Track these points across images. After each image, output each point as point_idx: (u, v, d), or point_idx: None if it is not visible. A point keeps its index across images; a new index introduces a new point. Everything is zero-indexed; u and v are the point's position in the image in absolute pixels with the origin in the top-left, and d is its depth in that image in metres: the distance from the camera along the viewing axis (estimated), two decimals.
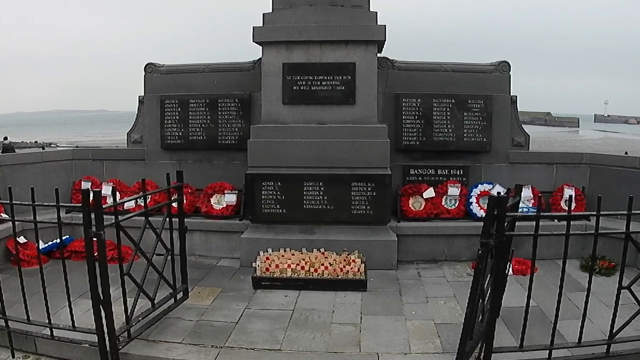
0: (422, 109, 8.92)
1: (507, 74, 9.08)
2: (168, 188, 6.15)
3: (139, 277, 5.52)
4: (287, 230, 8.12)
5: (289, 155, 8.07)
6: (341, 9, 8.24)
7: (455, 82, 9.00)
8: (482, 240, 4.42)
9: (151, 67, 9.53)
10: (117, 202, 5.19)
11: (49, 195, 5.73)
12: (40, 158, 9.53)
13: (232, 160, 9.20)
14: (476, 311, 4.71)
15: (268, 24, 8.31)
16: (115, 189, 5.63)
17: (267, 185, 8.06)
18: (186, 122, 9.26)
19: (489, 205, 4.41)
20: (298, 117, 8.29)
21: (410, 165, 9.01)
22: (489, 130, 8.93)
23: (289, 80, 8.28)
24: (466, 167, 9.01)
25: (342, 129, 8.09)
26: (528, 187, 8.69)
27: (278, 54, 8.29)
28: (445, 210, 8.65)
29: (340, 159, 8.01)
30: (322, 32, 8.15)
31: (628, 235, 4.63)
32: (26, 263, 7.53)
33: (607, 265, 7.62)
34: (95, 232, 4.74)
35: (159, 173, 8.86)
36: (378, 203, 7.98)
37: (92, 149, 10.30)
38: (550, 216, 6.88)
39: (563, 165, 9.15)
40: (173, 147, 9.37)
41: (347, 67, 8.19)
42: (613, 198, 7.15)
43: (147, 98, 9.53)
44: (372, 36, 8.16)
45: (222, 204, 8.80)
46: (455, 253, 8.43)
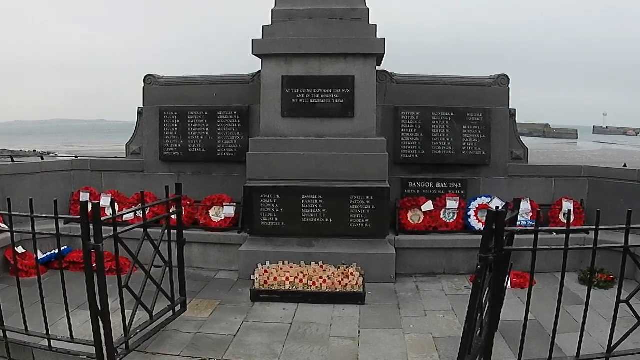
0: (420, 122, 8.94)
1: (506, 87, 9.10)
2: (167, 200, 6.16)
3: (137, 289, 5.52)
4: (285, 243, 8.12)
5: (288, 168, 8.08)
6: (340, 22, 8.27)
7: (454, 96, 9.02)
8: (481, 254, 4.41)
9: (150, 79, 9.54)
10: (116, 215, 5.20)
11: (48, 206, 5.73)
12: (39, 168, 9.54)
13: (231, 173, 9.20)
14: (475, 325, 4.70)
15: (267, 37, 8.33)
16: (114, 200, 5.63)
17: (265, 197, 8.07)
18: (185, 134, 9.27)
19: (487, 219, 4.41)
20: (297, 130, 8.30)
21: (409, 179, 9.02)
22: (487, 143, 8.95)
23: (288, 93, 8.29)
24: (465, 181, 9.02)
25: (341, 142, 8.10)
26: (527, 201, 8.69)
27: (277, 67, 8.31)
28: (443, 224, 8.66)
29: (338, 172, 8.03)
30: (321, 45, 8.18)
31: (626, 249, 4.63)
32: (24, 273, 7.51)
33: (606, 278, 7.62)
34: (93, 244, 4.74)
35: (158, 184, 8.88)
36: (376, 216, 7.99)
37: (91, 160, 10.30)
38: (548, 230, 6.86)
39: (562, 178, 9.16)
40: (172, 159, 9.37)
41: (346, 80, 8.21)
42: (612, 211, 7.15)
43: (146, 110, 9.54)
44: (371, 49, 8.19)
45: (220, 216, 8.80)
46: (453, 266, 8.43)
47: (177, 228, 6.28)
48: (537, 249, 4.60)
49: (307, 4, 8.42)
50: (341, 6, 8.37)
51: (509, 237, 5.12)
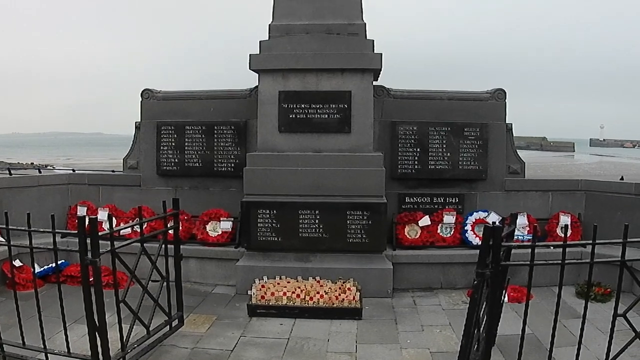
0: (417, 137, 8.96)
1: (503, 102, 9.13)
2: (164, 215, 6.17)
3: (135, 304, 5.52)
4: (282, 258, 8.12)
5: (285, 183, 8.10)
6: (338, 37, 8.31)
7: (451, 110, 9.05)
8: (478, 270, 4.42)
9: (148, 93, 9.55)
10: (113, 230, 5.20)
11: (45, 219, 5.74)
12: (36, 182, 9.54)
13: (228, 188, 9.20)
14: (472, 340, 4.70)
15: (265, 52, 8.36)
16: (111, 215, 5.63)
17: (262, 213, 8.07)
18: (182, 149, 9.28)
19: (484, 235, 4.42)
20: (294, 145, 8.32)
21: (406, 194, 9.03)
22: (484, 158, 8.97)
23: (285, 108, 8.31)
24: (462, 195, 9.03)
25: (338, 158, 8.12)
26: (524, 215, 8.69)
27: (274, 82, 8.34)
28: (440, 238, 8.66)
29: (336, 187, 8.04)
30: (318, 60, 8.21)
31: (623, 263, 4.63)
32: (22, 287, 7.52)
33: (603, 292, 7.63)
34: (91, 259, 4.74)
35: (155, 199, 8.86)
36: (374, 231, 8.00)
37: (88, 174, 10.29)
38: (545, 245, 6.88)
39: (559, 192, 9.18)
40: (169, 174, 9.38)
41: (343, 95, 8.23)
42: (609, 224, 7.16)
43: (143, 124, 9.55)
44: (368, 64, 8.22)
45: (217, 231, 8.80)
46: (450, 281, 8.43)
47: (174, 243, 6.29)
48: (534, 264, 4.61)
49: (304, 19, 8.46)
50: (338, 21, 8.41)
51: (506, 252, 5.13)
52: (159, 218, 6.35)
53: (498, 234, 4.40)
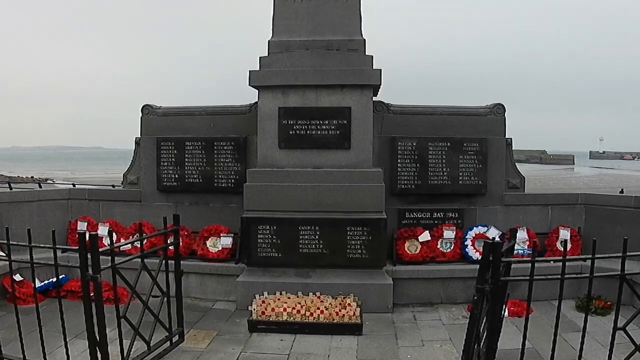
0: (417, 153, 8.98)
1: (502, 117, 9.16)
2: (164, 231, 6.18)
3: (135, 319, 5.52)
4: (282, 273, 8.12)
5: (285, 199, 8.11)
6: (337, 53, 8.35)
7: (450, 125, 9.08)
8: (478, 285, 4.43)
9: (148, 109, 9.58)
10: (114, 246, 5.22)
11: (45, 234, 5.76)
12: (36, 196, 9.57)
13: (228, 204, 9.21)
14: (472, 355, 4.71)
15: (264, 68, 8.40)
16: (112, 230, 5.65)
17: (263, 228, 8.08)
18: (182, 165, 9.30)
19: (484, 251, 4.43)
20: (294, 161, 8.35)
21: (406, 209, 9.03)
22: (484, 172, 8.98)
23: (284, 124, 8.34)
24: (461, 210, 9.04)
25: (338, 174, 8.15)
26: (523, 229, 8.72)
27: (274, 98, 8.37)
28: (440, 254, 8.67)
29: (335, 203, 8.06)
30: (318, 76, 8.24)
31: (623, 277, 4.64)
32: (22, 301, 7.53)
33: (603, 305, 7.64)
34: (91, 275, 4.75)
35: (156, 214, 8.89)
36: (374, 247, 8.01)
37: (88, 189, 10.32)
38: (545, 260, 6.89)
39: (558, 206, 9.19)
40: (169, 189, 9.39)
41: (343, 111, 8.26)
42: (609, 237, 7.16)
43: (143, 140, 9.58)
44: (367, 80, 8.25)
45: (218, 246, 8.80)
46: (451, 296, 8.43)
47: (174, 259, 6.30)
48: (533, 279, 4.62)
49: (303, 35, 8.51)
50: (338, 37, 8.46)
51: (506, 267, 5.14)
52: (159, 234, 6.37)
53: (498, 250, 4.42)
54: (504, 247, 4.74)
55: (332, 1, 8.56)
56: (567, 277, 4.66)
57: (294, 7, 8.59)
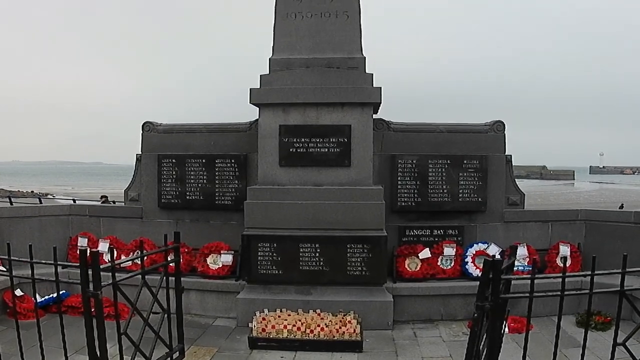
0: (417, 170, 8.99)
1: (502, 134, 9.18)
2: (165, 249, 6.18)
3: (136, 335, 5.51)
4: (283, 290, 8.13)
5: (286, 217, 8.13)
6: (337, 71, 8.39)
7: (450, 143, 9.10)
8: (478, 303, 4.42)
9: (149, 126, 9.60)
10: (115, 263, 5.22)
11: (46, 249, 5.77)
12: (37, 212, 9.60)
13: (229, 221, 9.22)
14: None
15: (265, 86, 8.44)
16: (112, 247, 5.66)
17: (263, 246, 8.10)
18: (183, 182, 9.32)
19: (484, 268, 4.44)
20: (294, 179, 8.37)
21: (406, 226, 9.04)
22: (484, 190, 9.00)
23: (285, 142, 8.37)
24: (461, 227, 9.05)
25: (338, 191, 8.17)
26: (523, 246, 8.72)
27: (275, 116, 8.40)
28: (441, 270, 8.67)
29: (336, 221, 8.08)
30: (318, 94, 8.28)
31: (622, 293, 4.65)
32: (23, 316, 7.53)
33: (603, 320, 7.64)
34: (92, 292, 4.75)
35: (156, 231, 8.91)
36: (374, 264, 8.02)
37: (89, 205, 10.34)
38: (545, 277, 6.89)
39: (558, 223, 9.20)
40: (170, 206, 9.41)
41: (343, 129, 8.30)
42: (609, 253, 7.16)
43: (144, 156, 9.60)
44: (368, 98, 8.29)
45: (218, 264, 8.80)
46: (451, 312, 8.42)
47: (175, 275, 6.30)
48: (533, 295, 4.62)
49: (304, 53, 8.55)
50: (338, 55, 8.51)
51: (506, 284, 5.14)
52: (160, 251, 6.36)
53: (497, 267, 4.43)
54: (504, 265, 4.75)
55: (333, 19, 8.61)
56: (567, 294, 4.67)
57: (295, 25, 8.65)
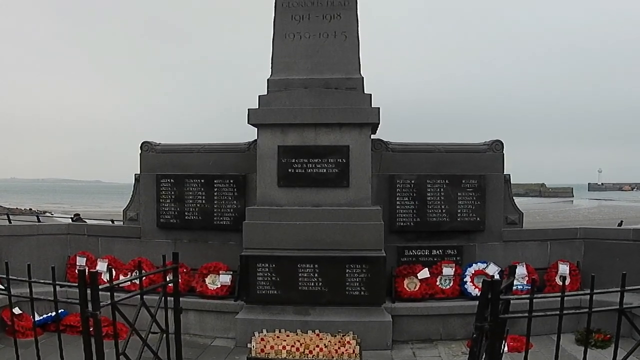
0: (416, 190, 8.99)
1: (501, 153, 9.19)
2: (164, 269, 6.17)
3: (134, 355, 5.47)
4: (281, 311, 8.10)
5: (284, 237, 8.13)
6: (336, 92, 8.42)
7: (449, 163, 9.11)
8: (477, 324, 4.42)
9: (147, 146, 9.61)
10: (114, 283, 5.21)
11: (44, 268, 5.76)
12: (35, 231, 9.61)
13: (228, 241, 9.19)
14: None
15: (263, 106, 8.46)
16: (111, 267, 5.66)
17: (262, 266, 8.08)
18: (182, 202, 9.31)
19: (482, 289, 4.44)
20: (293, 200, 8.37)
21: (405, 247, 9.03)
22: (482, 209, 9.00)
23: (284, 162, 8.38)
24: (460, 247, 9.04)
25: (337, 212, 8.17)
26: (522, 265, 8.72)
27: (273, 137, 8.41)
28: (440, 290, 8.65)
29: (334, 241, 8.07)
30: (316, 115, 8.30)
31: (622, 311, 4.64)
32: (21, 334, 7.52)
33: (603, 338, 7.63)
34: (91, 312, 4.75)
35: (155, 251, 8.90)
36: (372, 284, 8.00)
37: (87, 225, 10.32)
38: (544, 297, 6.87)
39: (557, 241, 9.21)
40: (169, 226, 9.40)
41: (342, 149, 8.31)
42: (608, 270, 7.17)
43: (143, 176, 9.60)
44: (366, 119, 8.31)
45: (216, 284, 8.77)
46: (450, 332, 8.40)
47: (173, 295, 6.29)
48: (532, 315, 4.62)
49: (302, 74, 8.59)
50: (336, 75, 8.54)
51: (505, 304, 5.14)
52: (158, 272, 6.35)
53: (496, 288, 4.43)
54: (502, 285, 4.75)
55: (331, 39, 8.66)
56: (566, 313, 4.67)
57: (293, 46, 8.70)
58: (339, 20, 8.72)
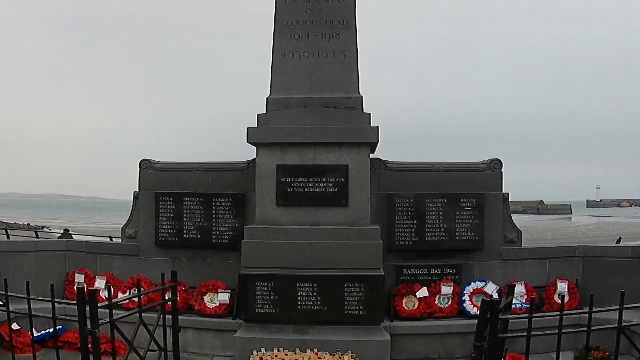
0: (414, 209, 8.99)
1: (500, 172, 9.20)
2: (162, 288, 6.18)
3: None
4: (280, 330, 8.07)
5: (283, 256, 8.11)
6: (335, 111, 8.44)
7: (448, 182, 9.11)
8: (476, 343, 4.43)
9: (146, 164, 9.62)
10: (113, 302, 5.22)
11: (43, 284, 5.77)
12: (34, 247, 9.62)
13: (226, 260, 9.17)
14: None
15: (262, 125, 8.47)
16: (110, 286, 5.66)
17: (260, 285, 8.05)
18: (180, 220, 9.30)
19: (481, 309, 4.45)
20: (292, 219, 8.36)
21: (404, 266, 9.01)
22: (481, 228, 9.00)
23: (283, 181, 8.37)
24: (459, 266, 9.03)
25: (336, 231, 8.16)
26: (521, 284, 8.71)
27: (272, 156, 8.41)
28: (438, 309, 8.63)
29: (333, 261, 8.05)
30: (316, 135, 8.30)
31: (621, 329, 4.65)
32: (19, 350, 7.51)
33: (602, 356, 7.59)
34: (90, 330, 4.75)
35: (153, 269, 8.89)
36: (371, 304, 7.97)
37: (85, 242, 10.33)
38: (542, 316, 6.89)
39: (556, 260, 9.21)
40: (167, 245, 9.39)
41: (341, 169, 8.31)
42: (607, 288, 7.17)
43: (141, 194, 9.61)
44: (365, 138, 8.33)
45: (215, 302, 8.75)
46: (449, 351, 8.37)
47: (172, 313, 6.29)
48: (531, 335, 4.63)
49: (301, 93, 8.61)
50: (335, 95, 8.56)
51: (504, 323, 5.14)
52: (157, 290, 6.37)
53: (495, 308, 4.44)
54: (501, 304, 4.76)
55: (331, 58, 8.69)
56: (565, 332, 4.68)
57: (293, 64, 8.72)
58: (338, 39, 8.75)
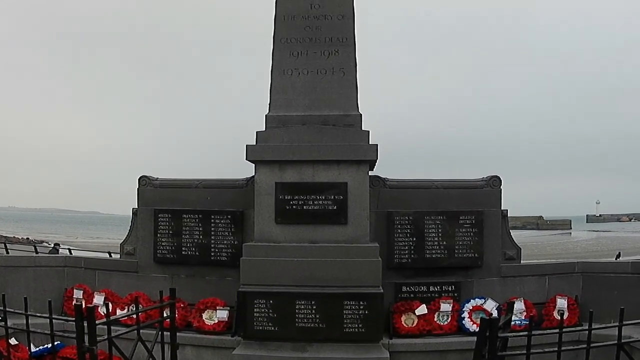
0: (413, 227, 8.98)
1: (498, 189, 9.21)
2: (161, 305, 6.18)
3: None
4: (279, 347, 8.03)
5: (282, 273, 8.09)
6: (333, 129, 8.45)
7: (446, 199, 9.11)
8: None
9: (145, 180, 9.61)
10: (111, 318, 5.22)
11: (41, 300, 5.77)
12: (33, 262, 9.63)
13: (225, 277, 9.15)
14: None
15: (261, 142, 8.48)
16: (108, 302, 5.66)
17: (259, 302, 8.03)
18: (179, 237, 9.29)
19: (480, 327, 4.45)
20: (290, 236, 8.36)
21: (403, 283, 8.98)
22: (480, 245, 8.98)
23: (281, 199, 8.37)
24: (458, 283, 9.00)
25: (334, 249, 8.16)
26: (520, 300, 8.69)
27: (271, 173, 8.42)
28: (437, 326, 8.61)
29: (332, 278, 8.03)
30: (314, 152, 8.31)
31: (620, 346, 4.65)
32: None
33: None
34: (88, 347, 4.76)
35: (152, 286, 8.88)
36: (370, 321, 7.95)
37: (84, 257, 10.33)
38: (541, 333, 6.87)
39: (555, 276, 9.19)
40: (166, 261, 9.37)
41: (339, 186, 8.30)
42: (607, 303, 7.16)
43: (140, 210, 9.60)
44: (364, 156, 8.34)
45: (214, 319, 8.72)
46: None
47: (170, 330, 6.29)
48: (530, 352, 4.63)
49: (300, 110, 8.62)
50: (334, 112, 8.57)
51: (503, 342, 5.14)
52: (155, 307, 6.36)
53: (494, 326, 4.44)
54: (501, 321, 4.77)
55: (329, 76, 8.70)
56: (565, 349, 4.68)
57: (291, 82, 8.74)
58: (337, 56, 8.77)
